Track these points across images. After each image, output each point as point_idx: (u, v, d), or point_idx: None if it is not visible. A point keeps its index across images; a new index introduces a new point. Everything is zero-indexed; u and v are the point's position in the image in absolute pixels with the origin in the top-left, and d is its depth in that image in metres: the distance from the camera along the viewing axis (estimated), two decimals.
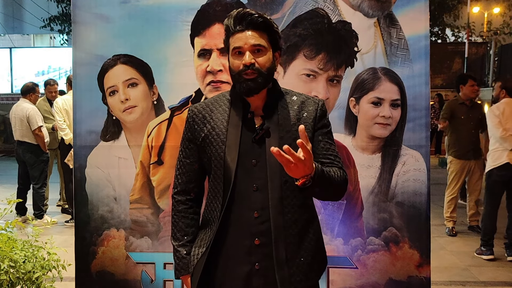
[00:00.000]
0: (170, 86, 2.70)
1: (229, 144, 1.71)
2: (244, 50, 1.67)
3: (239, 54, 1.68)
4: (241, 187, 1.70)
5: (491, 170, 4.73)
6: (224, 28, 1.73)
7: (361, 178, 2.69)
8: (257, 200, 1.70)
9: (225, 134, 1.73)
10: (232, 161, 1.69)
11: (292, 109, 1.77)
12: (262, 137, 1.71)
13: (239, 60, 1.68)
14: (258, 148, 1.72)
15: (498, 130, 4.61)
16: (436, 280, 3.95)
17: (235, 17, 1.69)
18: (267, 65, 1.69)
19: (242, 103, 1.75)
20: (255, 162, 1.71)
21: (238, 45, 1.67)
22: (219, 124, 1.75)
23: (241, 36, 1.67)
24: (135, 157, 2.74)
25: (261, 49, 1.68)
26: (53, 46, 19.53)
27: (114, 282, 2.75)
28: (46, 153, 6.16)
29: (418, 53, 2.64)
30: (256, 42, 1.67)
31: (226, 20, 1.72)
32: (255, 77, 1.67)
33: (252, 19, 1.67)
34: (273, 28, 1.72)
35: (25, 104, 6.04)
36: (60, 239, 5.05)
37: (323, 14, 2.63)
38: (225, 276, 1.74)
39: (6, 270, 2.61)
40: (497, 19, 15.87)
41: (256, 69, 1.66)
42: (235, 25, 1.68)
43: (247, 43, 1.66)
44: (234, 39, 1.68)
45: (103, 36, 2.69)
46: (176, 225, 1.84)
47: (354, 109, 2.69)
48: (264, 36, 1.69)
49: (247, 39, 1.66)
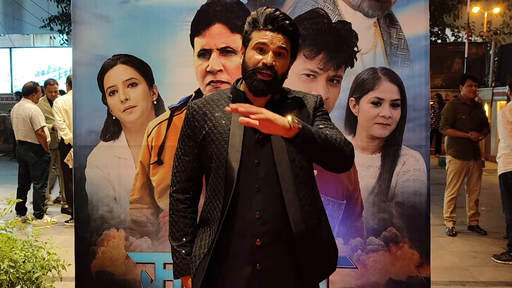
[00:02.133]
0: (170, 86, 2.70)
1: (232, 144, 1.70)
2: (268, 49, 1.65)
3: (261, 52, 1.66)
4: (243, 187, 1.69)
5: (505, 174, 4.68)
6: (250, 20, 1.70)
7: (361, 178, 2.69)
8: (259, 201, 1.69)
9: (227, 133, 1.71)
10: (235, 161, 1.68)
11: (294, 106, 1.77)
12: (265, 136, 1.70)
13: (259, 56, 1.65)
14: (261, 148, 1.71)
15: (510, 138, 4.58)
16: (436, 280, 3.95)
17: (268, 15, 1.66)
18: (283, 70, 1.69)
19: (244, 101, 1.74)
20: (257, 162, 1.70)
21: (263, 41, 1.64)
22: (221, 122, 1.73)
23: (269, 34, 1.65)
24: (135, 157, 2.74)
25: (283, 53, 1.67)
26: (53, 46, 19.51)
27: (114, 282, 2.75)
28: (48, 153, 6.16)
29: (418, 53, 2.64)
30: (282, 45, 1.65)
31: (256, 14, 1.69)
32: (270, 80, 1.65)
33: (284, 24, 1.65)
34: (298, 39, 1.73)
35: (28, 104, 6.04)
36: (60, 239, 5.05)
37: (323, 14, 2.63)
38: (227, 277, 1.73)
39: (6, 270, 2.61)
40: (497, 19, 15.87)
41: (274, 71, 1.65)
42: (266, 23, 1.65)
43: (274, 43, 1.64)
44: (261, 34, 1.65)
45: (103, 36, 2.69)
46: (175, 225, 1.83)
47: (354, 109, 2.69)
48: (289, 43, 1.68)
49: (274, 39, 1.64)
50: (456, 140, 5.51)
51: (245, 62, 1.70)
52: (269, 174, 1.70)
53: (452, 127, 5.50)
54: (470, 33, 14.31)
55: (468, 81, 5.48)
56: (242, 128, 1.70)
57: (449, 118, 5.51)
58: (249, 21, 1.70)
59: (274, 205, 1.70)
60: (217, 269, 1.74)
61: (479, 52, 14.24)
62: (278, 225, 1.71)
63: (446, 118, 5.55)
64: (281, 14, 1.67)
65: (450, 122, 5.50)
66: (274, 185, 1.70)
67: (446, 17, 15.05)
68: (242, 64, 1.72)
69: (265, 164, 1.70)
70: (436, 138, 11.90)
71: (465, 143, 5.42)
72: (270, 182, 1.70)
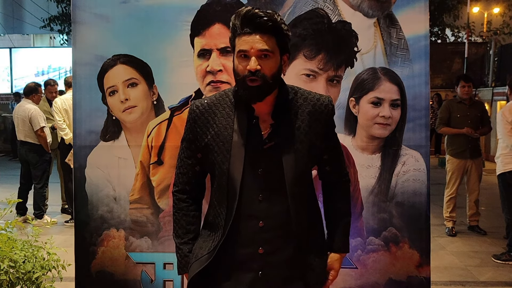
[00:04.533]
0: (170, 86, 2.70)
1: (234, 153, 1.66)
2: (250, 54, 1.58)
3: (245, 58, 1.59)
4: (246, 196, 1.68)
5: (504, 174, 4.68)
6: (230, 26, 1.64)
7: (361, 178, 2.69)
8: (262, 209, 1.68)
9: (229, 142, 1.67)
10: (237, 172, 1.66)
11: (303, 115, 1.72)
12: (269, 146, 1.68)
13: (244, 63, 1.59)
14: (264, 157, 1.68)
15: (510, 138, 4.58)
16: (436, 280, 3.95)
17: (243, 18, 1.58)
18: (273, 71, 1.61)
19: (246, 108, 1.69)
20: (261, 171, 1.68)
21: (244, 48, 1.58)
22: (223, 130, 1.69)
23: (248, 39, 1.58)
24: (135, 157, 2.73)
25: (268, 54, 1.59)
26: (53, 46, 19.51)
27: (114, 282, 2.75)
28: (49, 153, 6.17)
29: (418, 53, 2.64)
30: (263, 47, 1.57)
31: (233, 19, 1.62)
32: (259, 85, 1.59)
33: (260, 22, 1.57)
34: (282, 32, 1.62)
35: (28, 105, 6.05)
36: (60, 239, 5.05)
37: (323, 14, 2.63)
38: (228, 283, 1.73)
39: (6, 270, 2.61)
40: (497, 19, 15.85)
41: (261, 76, 1.58)
42: (243, 27, 1.58)
43: (254, 47, 1.57)
44: (241, 41, 1.59)
45: (103, 36, 2.69)
46: (178, 223, 1.83)
47: (354, 109, 2.69)
48: (272, 40, 1.59)
49: (254, 43, 1.57)
50: (453, 139, 5.53)
51: (235, 71, 1.65)
52: (273, 183, 1.68)
53: (448, 126, 5.52)
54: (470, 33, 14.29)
55: (461, 82, 5.53)
56: (245, 136, 1.67)
57: (443, 117, 5.55)
58: (231, 27, 1.64)
59: (278, 213, 1.69)
60: (218, 275, 1.74)
61: (479, 52, 14.23)
62: (281, 234, 1.70)
63: (440, 117, 5.62)
64: (256, 12, 1.58)
65: (444, 121, 5.54)
66: (278, 193, 1.68)
67: (446, 17, 15.03)
68: (233, 74, 1.66)
69: (269, 173, 1.68)
70: (435, 138, 11.90)
71: (462, 141, 5.43)
72: (274, 191, 1.69)
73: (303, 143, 1.70)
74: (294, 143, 1.68)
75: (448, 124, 5.53)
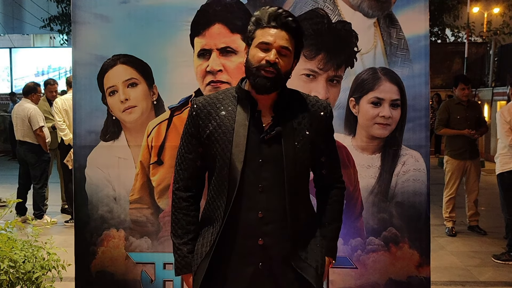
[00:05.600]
0: (170, 86, 2.71)
1: (236, 144, 1.69)
2: (271, 47, 1.65)
3: (264, 50, 1.66)
4: (246, 187, 1.70)
5: (503, 174, 4.69)
6: (253, 19, 1.71)
7: (361, 178, 2.69)
8: (262, 201, 1.70)
9: (231, 132, 1.71)
10: (238, 161, 1.68)
11: (304, 112, 1.77)
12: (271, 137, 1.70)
13: (263, 54, 1.66)
14: (265, 148, 1.71)
15: (508, 138, 4.60)
16: (435, 280, 3.95)
17: (271, 13, 1.67)
18: (287, 68, 1.70)
19: (249, 101, 1.74)
20: (261, 162, 1.70)
21: (267, 40, 1.65)
22: (225, 122, 1.73)
23: (273, 32, 1.65)
24: (135, 157, 2.74)
25: (287, 53, 1.68)
26: (53, 46, 19.51)
27: (114, 282, 2.75)
28: (47, 153, 6.16)
29: (418, 53, 2.64)
30: (285, 44, 1.66)
31: (258, 12, 1.70)
32: (273, 77, 1.66)
33: (287, 21, 1.66)
34: (301, 38, 1.73)
35: (27, 104, 6.04)
36: (60, 239, 5.05)
37: (323, 14, 2.63)
38: (229, 276, 1.74)
39: (6, 270, 2.61)
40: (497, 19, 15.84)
41: (277, 68, 1.65)
42: (269, 20, 1.66)
43: (277, 42, 1.65)
44: (264, 32, 1.66)
45: (103, 36, 2.69)
46: (178, 222, 1.83)
47: (354, 109, 2.69)
48: (292, 42, 1.69)
49: (278, 38, 1.65)
50: (452, 140, 5.53)
51: (248, 60, 1.70)
52: (273, 174, 1.70)
53: (447, 127, 5.52)
54: (470, 33, 14.29)
55: (460, 84, 5.51)
56: (247, 127, 1.71)
57: (443, 118, 5.55)
58: (253, 21, 1.71)
59: (277, 205, 1.71)
60: (219, 268, 1.74)
61: (479, 52, 14.24)
62: (280, 225, 1.71)
63: (439, 119, 5.60)
64: (284, 11, 1.68)
65: (443, 122, 5.54)
66: (277, 185, 1.70)
67: (446, 17, 15.03)
68: (245, 62, 1.72)
69: (269, 164, 1.70)
70: (435, 138, 11.89)
71: (461, 142, 5.43)
72: (274, 182, 1.70)
73: (304, 138, 1.73)
74: (295, 136, 1.72)
75: (447, 126, 5.53)
